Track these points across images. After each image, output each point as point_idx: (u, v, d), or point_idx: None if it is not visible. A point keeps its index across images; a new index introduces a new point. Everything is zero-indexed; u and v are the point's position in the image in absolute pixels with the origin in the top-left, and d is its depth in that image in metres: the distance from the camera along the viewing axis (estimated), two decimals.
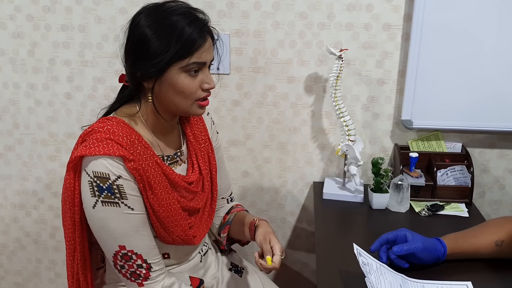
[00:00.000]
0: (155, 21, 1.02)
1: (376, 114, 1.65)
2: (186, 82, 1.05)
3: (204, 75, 1.07)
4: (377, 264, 1.10)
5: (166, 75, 1.04)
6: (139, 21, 1.04)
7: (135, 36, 1.04)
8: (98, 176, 1.02)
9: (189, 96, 1.07)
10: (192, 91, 1.06)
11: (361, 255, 1.08)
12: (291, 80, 1.64)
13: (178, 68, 1.03)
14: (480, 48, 1.51)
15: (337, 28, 1.57)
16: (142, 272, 1.08)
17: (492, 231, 1.20)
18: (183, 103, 1.08)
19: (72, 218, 1.11)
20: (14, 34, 1.70)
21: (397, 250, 1.11)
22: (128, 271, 1.08)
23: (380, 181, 1.48)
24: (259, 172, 1.77)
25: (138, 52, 1.03)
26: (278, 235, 1.83)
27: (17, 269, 2.01)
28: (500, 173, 1.68)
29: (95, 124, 1.08)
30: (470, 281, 1.10)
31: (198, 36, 1.02)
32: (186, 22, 1.02)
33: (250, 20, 1.59)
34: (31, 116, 1.79)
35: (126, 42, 1.06)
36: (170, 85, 1.05)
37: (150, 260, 1.09)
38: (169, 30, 1.01)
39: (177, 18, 1.02)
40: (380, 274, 1.07)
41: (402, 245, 1.12)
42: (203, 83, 1.07)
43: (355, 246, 1.09)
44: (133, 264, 1.07)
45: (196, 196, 1.21)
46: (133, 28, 1.05)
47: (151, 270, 1.09)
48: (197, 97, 1.08)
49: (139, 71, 1.04)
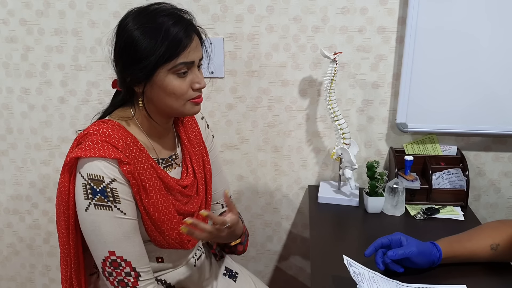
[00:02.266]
0: (141, 24, 1.02)
1: (371, 118, 1.65)
2: (175, 83, 1.04)
3: (194, 74, 1.07)
4: (369, 273, 1.09)
5: (154, 78, 1.03)
6: (126, 25, 1.04)
7: (123, 41, 1.04)
8: (92, 178, 1.01)
9: (180, 97, 1.06)
10: (182, 92, 1.06)
11: (351, 266, 1.07)
12: (285, 83, 1.64)
13: (166, 70, 1.03)
14: (475, 50, 1.51)
15: (331, 31, 1.57)
16: (130, 281, 1.07)
17: (488, 235, 1.20)
18: (176, 104, 1.07)
19: (66, 222, 1.10)
20: (7, 38, 1.69)
21: (392, 255, 1.11)
22: (116, 279, 1.07)
23: (375, 185, 1.47)
24: (254, 176, 1.76)
25: (126, 56, 1.03)
26: (273, 239, 1.83)
27: (10, 275, 1.99)
28: (496, 176, 1.68)
29: (90, 127, 1.07)
30: (465, 284, 1.09)
31: (183, 36, 1.02)
32: (171, 22, 1.02)
33: (244, 23, 1.59)
34: (24, 121, 1.78)
35: (115, 47, 1.06)
36: (160, 87, 1.04)
37: (139, 268, 1.07)
38: (155, 32, 1.01)
39: (162, 20, 1.02)
40: (373, 282, 1.06)
41: (396, 250, 1.12)
42: (193, 83, 1.07)
43: (345, 258, 1.08)
44: (121, 272, 1.06)
45: (190, 199, 1.21)
46: (120, 33, 1.05)
47: (139, 279, 1.07)
48: (189, 97, 1.08)
49: (128, 76, 1.05)
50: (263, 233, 1.83)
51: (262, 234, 1.83)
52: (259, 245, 1.85)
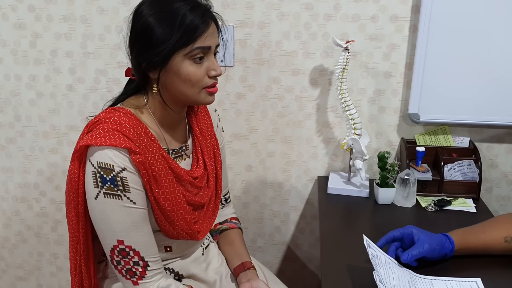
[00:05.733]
0: (157, 10, 1.02)
1: (383, 108, 1.63)
2: (191, 69, 1.03)
3: (210, 61, 1.06)
4: (385, 258, 1.09)
5: (170, 63, 1.02)
6: (142, 11, 1.03)
7: (138, 26, 1.03)
8: (102, 167, 1.00)
9: (196, 84, 1.05)
10: (198, 78, 1.04)
11: (370, 247, 1.07)
12: (296, 72, 1.62)
13: (182, 56, 1.02)
14: (490, 41, 1.48)
15: (344, 19, 1.54)
16: (138, 270, 1.07)
17: (502, 227, 1.18)
18: (191, 92, 1.06)
19: (76, 209, 1.10)
20: (15, 25, 1.68)
21: (405, 259, 1.09)
22: (124, 268, 1.07)
23: (386, 176, 1.46)
24: (262, 166, 1.75)
25: (142, 42, 1.03)
26: (281, 230, 1.82)
27: (18, 263, 2.00)
28: (508, 168, 1.65)
29: (101, 114, 1.07)
30: (480, 277, 1.08)
31: (200, 22, 1.01)
32: (188, 8, 1.01)
33: (254, 11, 1.57)
34: (32, 108, 1.77)
35: (130, 33, 1.06)
36: (176, 73, 1.03)
37: (147, 258, 1.07)
38: (171, 18, 1.00)
39: (178, 5, 1.01)
40: (389, 268, 1.06)
41: (408, 252, 1.10)
42: (210, 70, 1.06)
43: (364, 238, 1.08)
44: (130, 261, 1.06)
45: (200, 191, 1.21)
46: (136, 18, 1.04)
47: (148, 268, 1.07)
48: (204, 85, 1.06)
49: (144, 61, 1.04)
50: (271, 224, 1.82)
51: (271, 224, 1.82)
52: (267, 236, 1.84)
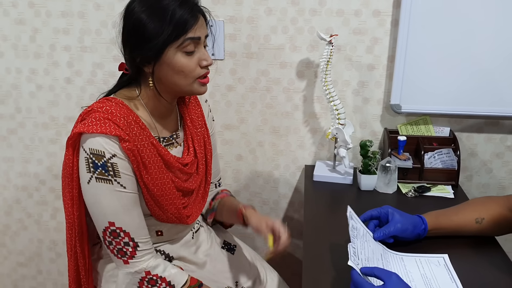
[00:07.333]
0: (148, 6, 1.07)
1: (366, 99, 1.69)
2: (183, 61, 1.09)
3: (201, 53, 1.12)
4: (364, 231, 1.14)
5: (163, 56, 1.08)
6: (133, 8, 1.08)
7: (131, 23, 1.08)
8: (94, 153, 1.07)
9: (188, 75, 1.11)
10: (190, 69, 1.10)
11: (352, 219, 1.11)
12: (283, 65, 1.68)
13: (175, 48, 1.08)
14: (469, 33, 1.54)
15: (328, 14, 1.61)
16: (128, 250, 1.13)
17: (473, 209, 1.23)
18: (184, 82, 1.12)
19: (71, 193, 1.16)
20: (16, 20, 1.74)
21: (377, 236, 1.16)
22: (115, 248, 1.13)
23: (368, 163, 1.52)
24: (252, 155, 1.82)
25: (135, 38, 1.08)
26: (271, 217, 1.87)
27: (19, 249, 2.07)
28: (488, 157, 1.71)
29: (94, 104, 1.13)
30: (447, 253, 1.14)
31: (189, 16, 1.07)
32: (177, 4, 1.06)
33: (243, 6, 1.63)
34: (32, 100, 1.84)
35: (123, 30, 1.11)
36: (169, 66, 1.09)
37: (137, 239, 1.13)
38: (162, 14, 1.06)
39: (168, 1, 1.07)
40: (365, 241, 1.10)
41: (381, 230, 1.16)
42: (201, 61, 1.12)
43: (348, 209, 1.12)
44: (121, 242, 1.12)
45: (190, 177, 1.26)
46: (128, 16, 1.09)
47: (138, 249, 1.13)
48: (197, 75, 1.12)
49: (138, 56, 1.09)
50: (261, 211, 1.88)
51: (260, 211, 1.85)
52: None
